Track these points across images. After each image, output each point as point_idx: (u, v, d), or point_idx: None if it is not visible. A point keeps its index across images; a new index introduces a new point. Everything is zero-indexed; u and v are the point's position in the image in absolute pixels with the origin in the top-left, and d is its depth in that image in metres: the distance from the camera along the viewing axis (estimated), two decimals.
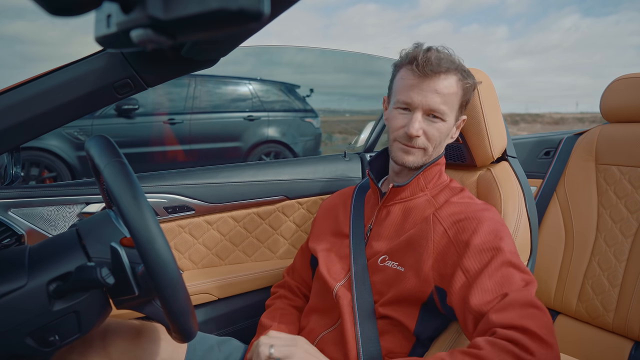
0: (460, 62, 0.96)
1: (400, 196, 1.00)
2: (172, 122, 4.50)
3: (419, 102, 0.92)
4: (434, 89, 0.91)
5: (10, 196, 1.13)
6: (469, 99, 0.98)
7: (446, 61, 0.91)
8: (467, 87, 0.95)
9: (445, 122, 0.94)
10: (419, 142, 0.94)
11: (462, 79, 0.94)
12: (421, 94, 0.92)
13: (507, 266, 0.81)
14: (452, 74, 0.92)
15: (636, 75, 1.49)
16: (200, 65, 0.85)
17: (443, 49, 0.95)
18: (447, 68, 0.91)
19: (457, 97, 0.95)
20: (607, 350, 1.38)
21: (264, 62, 5.59)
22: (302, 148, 5.13)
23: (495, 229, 0.87)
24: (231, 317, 1.35)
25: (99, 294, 0.69)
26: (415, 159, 0.96)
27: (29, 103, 0.80)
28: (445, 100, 0.92)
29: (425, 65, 0.90)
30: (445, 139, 0.98)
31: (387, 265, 0.94)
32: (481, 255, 0.83)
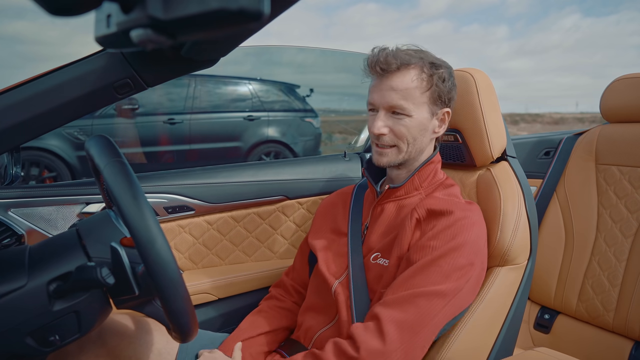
0: (428, 55, 0.95)
1: (395, 195, 1.01)
2: (172, 122, 4.50)
3: (379, 101, 0.94)
4: (390, 86, 0.92)
5: (10, 196, 1.13)
6: (442, 90, 0.95)
7: (400, 58, 0.91)
8: (433, 79, 0.93)
9: (411, 117, 0.93)
10: (386, 139, 0.95)
11: (426, 71, 0.93)
12: (379, 93, 0.94)
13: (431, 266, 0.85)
14: (408, 68, 0.92)
15: (636, 75, 1.49)
16: (200, 65, 0.85)
17: (404, 47, 0.95)
18: (401, 64, 0.91)
19: (421, 90, 0.93)
20: (607, 350, 1.38)
21: (264, 62, 5.59)
22: (302, 148, 5.13)
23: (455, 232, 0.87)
24: (231, 317, 1.35)
25: (99, 294, 0.69)
26: (390, 159, 0.97)
27: (29, 103, 0.80)
28: (405, 95, 0.92)
29: (376, 65, 0.92)
30: (421, 134, 0.96)
31: (378, 262, 0.96)
32: (424, 250, 0.87)
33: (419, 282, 0.84)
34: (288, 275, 1.21)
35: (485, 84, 1.07)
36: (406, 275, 0.86)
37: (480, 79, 1.06)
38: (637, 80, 1.48)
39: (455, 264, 0.85)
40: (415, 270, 0.86)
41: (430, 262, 0.85)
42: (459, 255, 0.86)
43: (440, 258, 0.85)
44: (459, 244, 0.86)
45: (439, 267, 0.84)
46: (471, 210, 0.93)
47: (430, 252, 0.86)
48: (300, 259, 1.19)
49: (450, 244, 0.86)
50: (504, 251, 0.99)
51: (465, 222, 0.89)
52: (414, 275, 0.85)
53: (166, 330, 0.96)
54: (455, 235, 0.87)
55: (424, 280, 0.84)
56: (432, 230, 0.89)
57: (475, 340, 0.95)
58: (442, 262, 0.85)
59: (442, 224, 0.88)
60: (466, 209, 0.92)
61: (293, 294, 1.18)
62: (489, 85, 1.09)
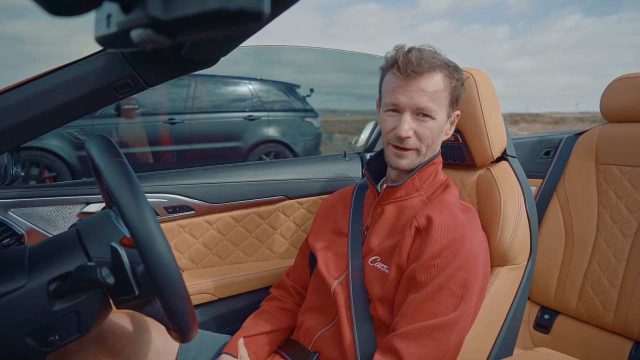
0: (446, 58, 0.95)
1: (395, 195, 1.00)
2: (172, 122, 4.50)
3: (406, 102, 0.92)
4: (419, 87, 0.91)
5: (10, 196, 1.13)
6: (459, 94, 0.97)
7: (428, 59, 0.91)
8: (455, 83, 0.95)
9: (435, 120, 0.94)
10: (410, 142, 0.95)
11: (449, 74, 0.94)
12: (407, 94, 0.92)
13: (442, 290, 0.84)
14: (436, 71, 0.92)
15: (636, 75, 1.49)
16: (200, 65, 0.85)
17: (426, 47, 0.95)
18: (430, 66, 0.91)
19: (445, 94, 0.94)
20: (607, 350, 1.38)
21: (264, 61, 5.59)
22: (302, 148, 5.12)
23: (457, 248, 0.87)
24: (231, 317, 1.35)
25: (99, 294, 0.69)
26: (409, 162, 0.97)
27: (29, 103, 0.80)
28: (433, 98, 0.92)
29: (407, 67, 0.91)
30: (439, 136, 0.98)
31: (376, 266, 0.95)
32: (429, 270, 0.86)
33: (433, 309, 0.84)
34: (289, 275, 1.21)
35: (486, 84, 1.07)
36: (418, 300, 0.85)
37: (481, 79, 1.06)
38: (637, 80, 1.48)
39: (464, 282, 0.85)
40: (426, 296, 0.85)
41: (440, 286, 0.84)
42: (465, 272, 0.85)
43: (450, 280, 0.84)
44: (464, 261, 0.86)
45: (449, 291, 0.84)
46: (469, 221, 0.92)
47: (437, 272, 0.85)
48: (301, 260, 1.19)
49: (456, 263, 0.85)
50: (504, 251, 0.99)
51: (465, 235, 0.88)
52: (426, 302, 0.84)
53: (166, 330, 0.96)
54: (458, 251, 0.86)
55: (438, 306, 0.84)
56: (433, 247, 0.87)
57: (475, 340, 0.95)
58: (452, 285, 0.84)
59: (443, 240, 0.87)
60: (465, 220, 0.91)
61: (294, 295, 1.18)
62: (489, 85, 1.09)
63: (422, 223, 0.92)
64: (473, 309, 0.89)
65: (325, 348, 0.96)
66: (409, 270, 0.89)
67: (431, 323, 0.83)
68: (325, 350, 0.96)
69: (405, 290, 0.89)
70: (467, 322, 0.87)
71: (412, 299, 0.86)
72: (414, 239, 0.92)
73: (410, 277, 0.88)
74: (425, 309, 0.84)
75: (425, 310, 0.84)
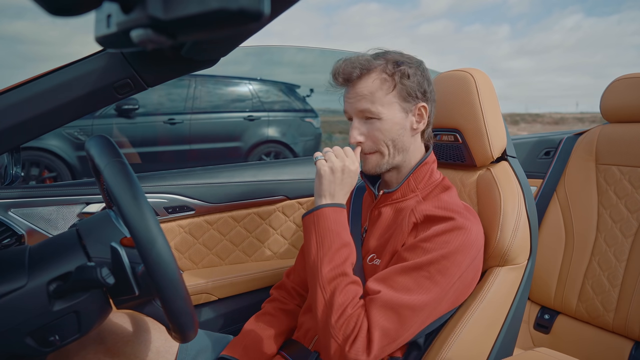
0: (390, 56, 0.94)
1: (391, 198, 1.00)
2: (172, 122, 4.50)
3: (350, 109, 0.95)
4: (356, 93, 0.93)
5: (10, 196, 1.13)
6: (410, 86, 0.94)
7: (359, 64, 0.92)
8: (395, 77, 0.92)
9: (382, 119, 0.93)
10: (366, 147, 0.96)
11: (387, 71, 0.92)
12: (348, 102, 0.95)
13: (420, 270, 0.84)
14: (369, 72, 0.92)
15: (636, 75, 1.49)
16: (200, 65, 0.85)
17: (367, 51, 0.96)
18: (362, 70, 0.92)
19: (385, 90, 0.92)
20: (607, 350, 1.38)
21: (264, 61, 5.59)
22: (302, 148, 5.12)
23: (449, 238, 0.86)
24: (231, 317, 1.35)
25: (99, 294, 0.69)
26: (374, 165, 0.97)
27: (29, 103, 0.80)
28: (372, 100, 0.92)
29: (339, 76, 0.93)
30: (399, 133, 0.95)
31: (374, 263, 0.96)
32: (416, 250, 0.86)
33: (405, 284, 0.84)
34: (289, 276, 1.21)
35: (485, 84, 1.07)
36: (395, 269, 0.86)
37: (480, 79, 1.06)
38: (637, 80, 1.48)
39: (444, 271, 0.84)
40: (404, 268, 0.85)
41: (420, 265, 0.84)
42: (450, 262, 0.85)
43: (431, 264, 0.84)
44: (451, 251, 0.85)
45: (427, 273, 0.84)
46: (467, 218, 0.91)
47: (422, 253, 0.85)
48: (302, 261, 1.19)
49: (443, 251, 0.85)
50: (504, 251, 0.99)
51: (461, 229, 0.88)
52: (401, 273, 0.85)
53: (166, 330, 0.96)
54: (449, 241, 0.86)
55: (410, 282, 0.83)
56: (426, 233, 0.88)
57: (475, 341, 0.95)
58: (432, 268, 0.84)
59: (438, 229, 0.88)
60: (463, 215, 0.91)
61: (295, 297, 1.18)
62: (489, 85, 1.09)
63: (420, 218, 0.92)
64: (446, 301, 0.88)
65: None
66: (398, 252, 0.90)
67: (402, 300, 0.82)
68: None
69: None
70: (433, 311, 0.86)
71: (390, 267, 0.87)
72: (410, 232, 0.92)
73: (397, 257, 0.89)
74: (399, 280, 0.84)
75: (398, 281, 0.84)
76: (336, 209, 0.91)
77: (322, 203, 0.91)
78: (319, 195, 0.92)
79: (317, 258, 0.87)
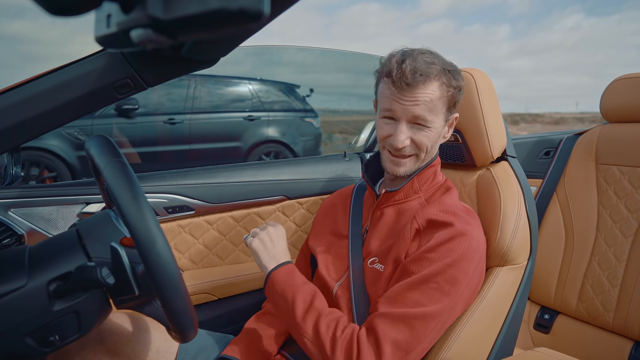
0: (444, 62, 0.93)
1: (394, 198, 1.00)
2: (172, 122, 4.50)
3: (401, 112, 0.91)
4: (415, 98, 0.89)
5: (10, 196, 1.13)
6: (457, 99, 0.95)
7: (423, 70, 0.88)
8: (452, 90, 0.93)
9: (431, 128, 0.93)
10: (407, 150, 0.94)
11: (446, 82, 0.91)
12: (402, 105, 0.90)
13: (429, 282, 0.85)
14: (432, 80, 0.89)
15: (636, 75, 1.49)
16: (200, 65, 0.85)
17: (421, 55, 0.91)
18: (426, 77, 0.88)
19: (442, 101, 0.92)
20: (607, 350, 1.38)
21: (264, 61, 5.59)
22: (302, 148, 5.12)
23: (453, 246, 0.86)
24: (231, 317, 1.35)
25: (99, 294, 0.69)
26: (407, 169, 0.97)
27: (29, 103, 0.80)
28: (429, 107, 0.90)
29: (400, 79, 0.88)
30: (437, 142, 0.97)
31: (375, 267, 0.96)
32: (422, 262, 0.86)
33: (416, 299, 0.84)
34: None
35: (486, 84, 1.07)
36: (404, 286, 0.86)
37: (481, 79, 1.06)
38: (637, 80, 1.48)
39: (453, 280, 0.85)
40: (412, 283, 0.85)
41: (427, 278, 0.84)
42: (456, 271, 0.85)
43: (438, 274, 0.84)
44: (457, 259, 0.85)
45: (436, 284, 0.84)
46: (469, 223, 0.91)
47: (428, 265, 0.85)
48: (302, 261, 1.19)
49: (448, 260, 0.85)
50: (504, 251, 0.99)
51: (463, 235, 0.88)
52: (411, 289, 0.85)
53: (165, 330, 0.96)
54: (453, 249, 0.86)
55: (421, 297, 0.84)
56: (430, 242, 0.88)
57: (475, 340, 0.95)
58: (440, 279, 0.84)
59: (441, 237, 0.87)
60: (465, 220, 0.91)
61: None
62: (489, 85, 1.09)
63: (422, 224, 0.92)
64: (457, 308, 0.89)
65: None
66: (403, 263, 0.90)
67: (412, 311, 0.83)
68: None
69: (396, 280, 0.89)
70: (446, 319, 0.87)
71: (398, 285, 0.87)
72: (413, 239, 0.92)
73: (402, 269, 0.89)
74: (409, 296, 0.84)
75: (408, 297, 0.84)
76: (283, 267, 0.95)
77: (269, 270, 0.95)
78: (264, 265, 0.96)
79: (288, 312, 0.90)
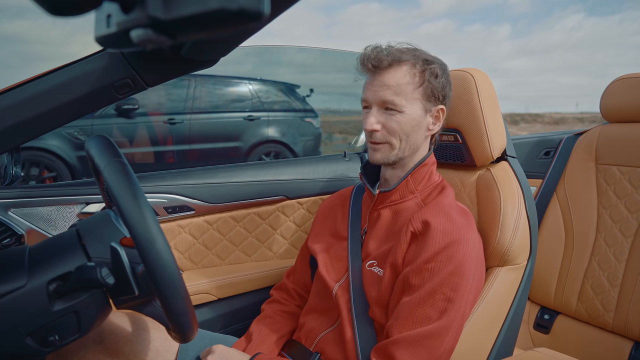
0: (422, 54, 0.95)
1: (390, 199, 1.00)
2: (172, 122, 4.50)
3: (372, 97, 0.94)
4: (382, 82, 0.92)
5: (10, 196, 1.13)
6: (434, 88, 0.94)
7: (391, 54, 0.92)
8: (425, 74, 0.93)
9: (403, 113, 0.93)
10: (378, 136, 0.95)
11: (418, 67, 0.93)
12: (372, 89, 0.94)
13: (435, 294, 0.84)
14: (400, 64, 0.92)
15: (636, 75, 1.49)
16: (200, 65, 0.85)
17: (398, 45, 0.95)
18: (393, 60, 0.91)
19: (412, 86, 0.92)
20: (607, 350, 1.38)
21: (264, 61, 5.59)
22: (302, 148, 5.12)
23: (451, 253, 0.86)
24: (231, 317, 1.35)
25: (99, 294, 0.69)
26: (383, 155, 0.96)
27: (29, 103, 0.80)
28: (397, 91, 0.92)
29: (368, 62, 0.92)
30: (414, 130, 0.95)
31: (373, 270, 0.96)
32: (423, 273, 0.86)
33: (426, 314, 0.84)
34: (289, 277, 1.21)
35: (485, 84, 1.07)
36: (411, 304, 0.85)
37: (480, 79, 1.06)
38: (637, 80, 1.48)
39: (456, 287, 0.85)
40: (419, 299, 0.85)
41: (433, 291, 0.84)
42: (458, 277, 0.85)
43: (442, 285, 0.84)
44: (457, 265, 0.85)
45: (442, 295, 0.84)
46: (464, 227, 0.91)
47: (430, 276, 0.85)
48: (302, 262, 1.19)
49: (449, 268, 0.85)
50: (504, 251, 0.99)
51: (460, 241, 0.88)
52: (419, 306, 0.85)
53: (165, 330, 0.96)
54: (452, 255, 0.86)
55: (430, 310, 0.84)
56: (428, 250, 0.87)
57: (475, 340, 0.95)
58: (445, 289, 0.84)
59: (438, 244, 0.87)
60: (460, 225, 0.90)
61: (295, 298, 1.18)
62: (489, 85, 1.09)
63: (418, 227, 0.91)
64: (464, 314, 0.89)
65: (328, 349, 0.96)
66: (403, 274, 0.89)
67: (424, 331, 0.83)
68: (328, 351, 0.96)
69: (399, 293, 0.89)
70: (458, 328, 0.87)
71: (405, 302, 0.86)
72: (410, 244, 0.91)
73: (404, 280, 0.88)
74: (418, 313, 0.84)
75: (418, 314, 0.84)
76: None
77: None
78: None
79: None
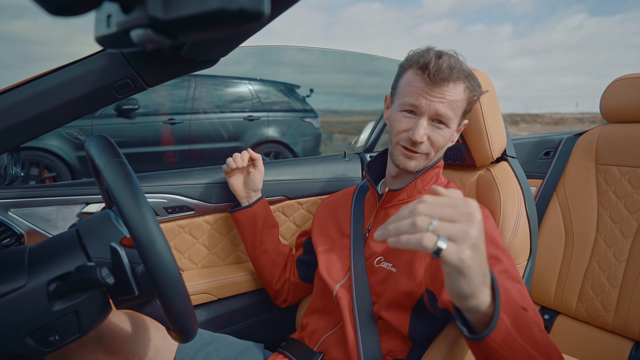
0: (469, 68, 0.95)
1: (397, 198, 1.00)
2: (172, 122, 4.50)
3: (427, 107, 0.91)
4: (442, 95, 0.90)
5: (10, 196, 1.13)
6: (472, 107, 0.98)
7: (458, 70, 0.90)
8: (472, 96, 0.95)
9: (449, 128, 0.94)
10: (422, 147, 0.94)
11: (470, 87, 0.94)
12: (429, 99, 0.91)
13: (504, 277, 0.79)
14: (461, 81, 0.92)
15: (636, 75, 1.49)
16: (200, 65, 0.85)
17: (454, 55, 0.93)
18: (458, 76, 0.90)
19: (463, 105, 0.94)
20: (607, 350, 1.38)
21: (264, 62, 5.59)
22: (302, 148, 5.13)
23: (492, 237, 0.85)
24: (231, 317, 1.35)
25: (99, 294, 0.69)
26: (417, 164, 0.97)
27: (29, 103, 0.80)
28: (452, 107, 0.92)
29: (437, 74, 0.88)
30: (447, 144, 0.98)
31: (382, 266, 0.95)
32: None
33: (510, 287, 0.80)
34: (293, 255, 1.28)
35: (486, 85, 1.07)
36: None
37: (481, 80, 1.06)
38: (637, 80, 1.48)
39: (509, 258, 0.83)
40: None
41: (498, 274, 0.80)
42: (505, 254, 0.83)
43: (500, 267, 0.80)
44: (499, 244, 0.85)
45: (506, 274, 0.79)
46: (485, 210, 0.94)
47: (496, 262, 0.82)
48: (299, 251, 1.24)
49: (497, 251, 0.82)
50: None
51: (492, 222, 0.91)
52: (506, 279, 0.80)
53: (164, 329, 0.96)
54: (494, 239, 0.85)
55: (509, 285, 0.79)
56: None
57: None
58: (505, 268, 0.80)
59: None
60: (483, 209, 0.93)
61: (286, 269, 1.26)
62: (489, 85, 1.09)
63: None
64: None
65: (332, 350, 0.96)
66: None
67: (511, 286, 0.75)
68: (332, 352, 0.96)
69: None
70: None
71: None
72: None
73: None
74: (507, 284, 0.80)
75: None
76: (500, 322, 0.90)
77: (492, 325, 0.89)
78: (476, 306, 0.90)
79: None
